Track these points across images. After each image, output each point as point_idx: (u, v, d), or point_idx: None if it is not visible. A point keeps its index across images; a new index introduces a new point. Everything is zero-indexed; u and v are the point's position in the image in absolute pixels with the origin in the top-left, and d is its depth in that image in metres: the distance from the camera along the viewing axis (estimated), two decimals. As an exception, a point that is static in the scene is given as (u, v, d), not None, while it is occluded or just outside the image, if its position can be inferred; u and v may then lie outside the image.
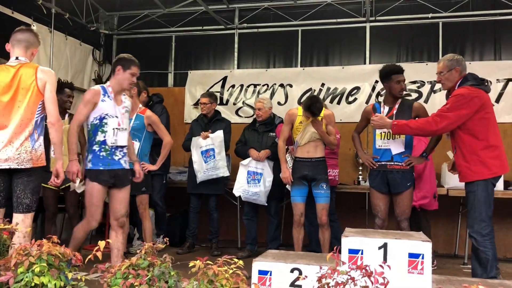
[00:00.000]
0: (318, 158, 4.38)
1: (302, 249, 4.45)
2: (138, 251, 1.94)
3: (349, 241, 2.50)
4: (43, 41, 5.82)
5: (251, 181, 5.06)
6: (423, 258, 2.43)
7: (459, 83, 3.62)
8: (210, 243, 5.48)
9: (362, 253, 2.47)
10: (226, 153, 5.37)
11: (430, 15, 6.12)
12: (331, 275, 1.76)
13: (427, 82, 6.05)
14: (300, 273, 2.45)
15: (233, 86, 6.68)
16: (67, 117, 4.77)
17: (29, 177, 3.13)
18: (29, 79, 3.13)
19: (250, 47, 6.88)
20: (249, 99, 6.61)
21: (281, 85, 6.54)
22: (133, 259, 1.89)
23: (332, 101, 6.27)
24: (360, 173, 5.84)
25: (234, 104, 6.68)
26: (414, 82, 6.06)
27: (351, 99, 6.29)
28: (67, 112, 4.80)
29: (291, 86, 6.50)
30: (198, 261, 1.85)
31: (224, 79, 6.75)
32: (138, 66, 3.66)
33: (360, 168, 5.86)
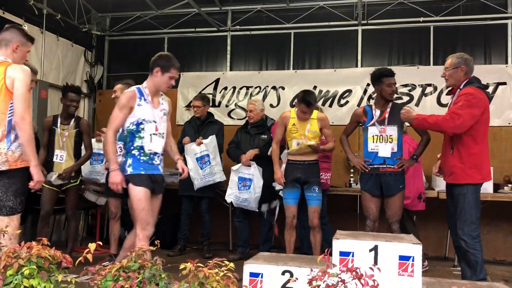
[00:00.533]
0: (311, 161, 4.39)
1: (294, 251, 4.46)
2: (129, 253, 1.94)
3: (340, 243, 2.51)
4: (34, 42, 5.82)
5: (242, 188, 5.06)
6: (413, 260, 2.45)
7: (464, 83, 3.61)
8: (201, 245, 5.47)
9: (353, 256, 2.48)
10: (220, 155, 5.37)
11: (421, 19, 6.17)
12: (322, 277, 1.77)
13: (418, 85, 6.09)
14: (291, 275, 2.46)
15: (225, 88, 6.68)
16: (72, 121, 4.72)
17: (10, 179, 3.00)
18: None
19: (243, 50, 6.89)
20: (242, 101, 6.61)
21: (274, 88, 6.56)
22: (123, 261, 1.88)
23: (324, 104, 6.30)
24: (352, 175, 5.86)
25: (227, 106, 6.68)
26: (405, 85, 6.10)
27: (343, 102, 6.32)
28: (73, 116, 4.74)
29: (283, 88, 6.51)
30: (189, 263, 1.85)
31: (217, 81, 6.75)
32: (179, 68, 3.42)
33: (352, 170, 5.88)
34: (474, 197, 3.53)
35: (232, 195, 5.11)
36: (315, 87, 6.34)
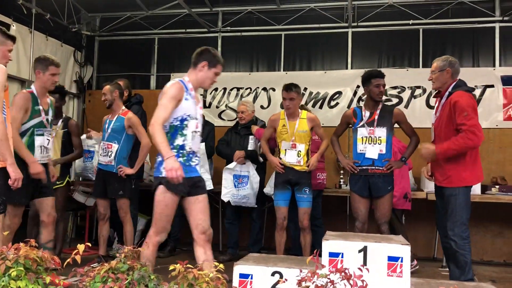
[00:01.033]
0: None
1: (285, 252, 4.47)
2: (118, 255, 1.93)
3: (329, 244, 2.52)
4: (23, 41, 5.77)
5: (239, 185, 5.04)
6: (402, 261, 2.47)
7: (452, 86, 3.64)
8: (191, 246, 5.43)
9: (342, 256, 2.49)
10: (209, 158, 5.34)
11: (411, 21, 6.22)
12: (311, 278, 1.78)
13: (408, 87, 6.14)
14: (281, 276, 2.46)
15: (216, 90, 6.67)
16: (60, 122, 4.72)
17: None
18: None
19: (234, 51, 6.89)
20: (232, 102, 6.61)
21: (264, 89, 6.57)
22: (112, 262, 1.87)
23: (314, 105, 6.32)
24: (342, 177, 5.89)
25: (217, 107, 6.67)
26: (394, 88, 6.15)
27: (333, 103, 6.35)
28: (61, 117, 4.76)
29: (274, 90, 6.52)
30: (178, 264, 1.84)
31: (207, 82, 6.73)
32: (224, 65, 3.27)
33: (342, 172, 5.91)
34: (465, 199, 3.56)
35: (228, 194, 5.09)
36: (305, 88, 6.36)
